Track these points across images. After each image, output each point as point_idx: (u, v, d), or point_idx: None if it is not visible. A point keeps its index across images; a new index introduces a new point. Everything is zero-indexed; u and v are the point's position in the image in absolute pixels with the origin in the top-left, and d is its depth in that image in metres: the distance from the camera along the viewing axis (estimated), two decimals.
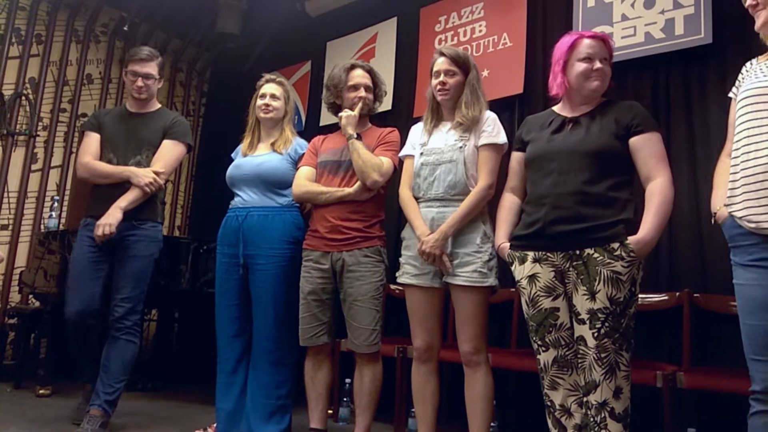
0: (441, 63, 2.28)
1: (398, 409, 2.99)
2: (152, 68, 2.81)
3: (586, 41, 1.99)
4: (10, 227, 4.21)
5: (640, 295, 2.51)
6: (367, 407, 2.42)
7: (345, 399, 3.18)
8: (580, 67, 1.97)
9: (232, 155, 2.83)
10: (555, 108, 2.11)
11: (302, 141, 2.76)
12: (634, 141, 1.90)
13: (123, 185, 2.68)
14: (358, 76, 2.55)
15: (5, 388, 3.60)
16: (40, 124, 4.40)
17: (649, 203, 1.85)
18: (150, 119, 2.84)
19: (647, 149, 1.89)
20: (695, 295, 2.59)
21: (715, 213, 1.69)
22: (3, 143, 4.19)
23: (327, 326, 2.47)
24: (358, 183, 2.42)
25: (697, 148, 2.76)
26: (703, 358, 2.56)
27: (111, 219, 2.58)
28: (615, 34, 3.06)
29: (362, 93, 2.52)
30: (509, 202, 2.17)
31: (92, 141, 2.80)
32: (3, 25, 4.23)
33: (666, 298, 2.65)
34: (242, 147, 2.76)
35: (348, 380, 3.09)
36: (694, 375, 2.28)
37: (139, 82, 2.78)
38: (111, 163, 2.74)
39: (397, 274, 2.34)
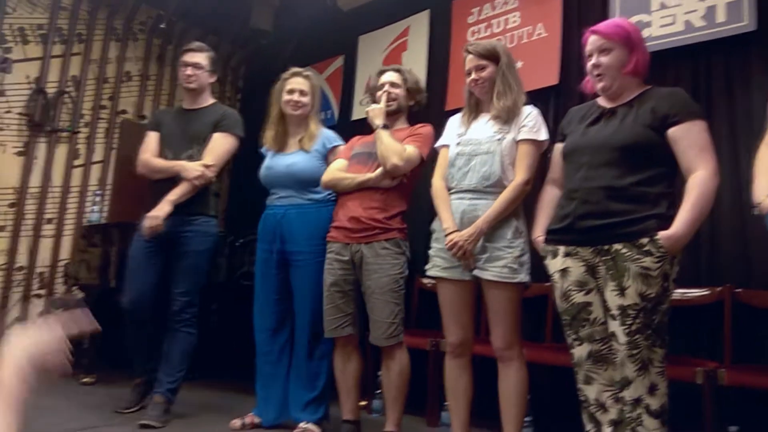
0: (470, 60, 2.28)
1: (431, 402, 3.00)
2: (201, 58, 2.90)
3: (589, 38, 1.97)
4: (55, 221, 4.34)
5: (679, 290, 2.47)
6: (396, 400, 2.45)
7: (378, 391, 3.20)
8: (587, 66, 1.98)
9: (262, 150, 2.86)
10: (598, 99, 2.07)
11: (329, 132, 2.79)
12: (672, 132, 1.83)
13: (177, 180, 2.75)
14: (386, 76, 2.62)
15: None
16: (81, 120, 4.52)
17: (686, 197, 1.78)
18: (202, 114, 2.92)
19: (686, 140, 1.82)
20: (737, 290, 2.52)
21: (758, 204, 1.64)
22: (47, 140, 4.33)
23: (351, 317, 2.50)
24: (380, 168, 2.42)
25: (740, 138, 2.67)
26: (744, 355, 2.49)
27: (159, 212, 2.66)
28: (653, 23, 2.98)
29: (386, 87, 2.57)
30: (549, 194, 2.13)
31: (151, 139, 2.93)
32: (46, 25, 4.36)
33: (707, 293, 2.58)
34: (268, 141, 2.78)
35: (380, 372, 3.11)
36: (735, 372, 2.22)
37: (189, 71, 2.88)
38: (167, 159, 2.83)
39: (426, 267, 2.32)
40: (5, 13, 4.14)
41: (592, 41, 1.96)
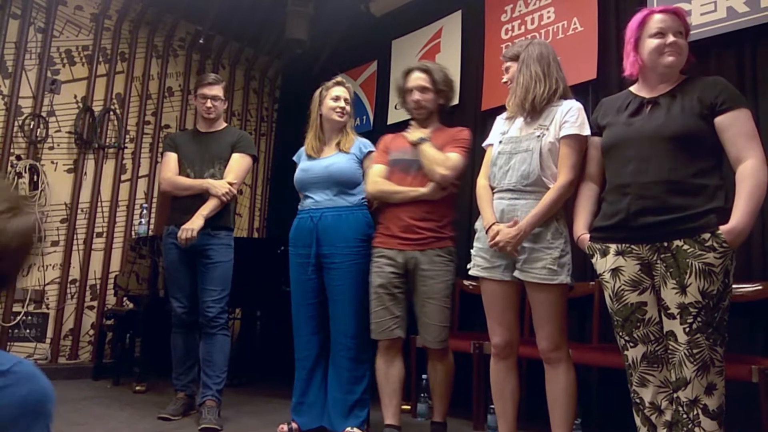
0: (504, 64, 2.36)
1: (476, 405, 2.97)
2: (218, 90, 3.13)
3: (657, 16, 1.88)
4: (105, 234, 4.50)
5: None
6: (443, 396, 2.59)
7: (423, 395, 3.19)
8: (653, 43, 1.87)
9: (295, 159, 2.93)
10: (632, 88, 2.00)
11: (363, 139, 2.86)
12: (720, 120, 1.76)
13: (201, 196, 2.98)
14: (413, 79, 2.63)
15: (106, 384, 3.86)
16: (127, 136, 4.68)
17: (740, 188, 1.71)
18: (219, 136, 3.15)
19: (734, 128, 1.75)
20: None
21: None
22: (95, 156, 4.49)
23: (400, 320, 2.52)
24: (432, 183, 2.47)
25: None
26: None
27: (194, 225, 2.87)
28: (693, 11, 2.90)
29: (415, 96, 2.60)
30: (588, 190, 2.07)
31: (171, 159, 3.14)
32: (91, 46, 4.52)
33: (760, 287, 2.48)
34: (306, 147, 2.85)
35: (425, 376, 3.10)
36: None
37: (209, 104, 3.10)
38: (189, 177, 3.05)
39: (468, 267, 2.31)
40: (53, 36, 4.32)
41: (667, 20, 1.86)
